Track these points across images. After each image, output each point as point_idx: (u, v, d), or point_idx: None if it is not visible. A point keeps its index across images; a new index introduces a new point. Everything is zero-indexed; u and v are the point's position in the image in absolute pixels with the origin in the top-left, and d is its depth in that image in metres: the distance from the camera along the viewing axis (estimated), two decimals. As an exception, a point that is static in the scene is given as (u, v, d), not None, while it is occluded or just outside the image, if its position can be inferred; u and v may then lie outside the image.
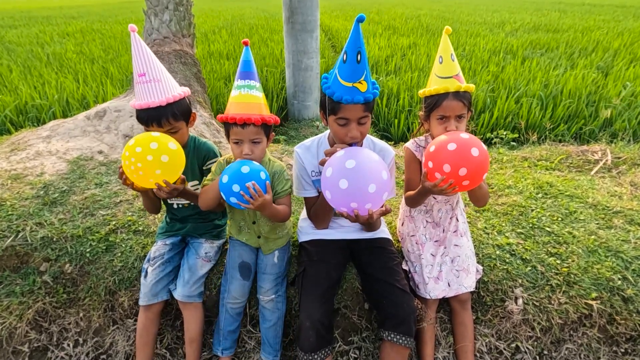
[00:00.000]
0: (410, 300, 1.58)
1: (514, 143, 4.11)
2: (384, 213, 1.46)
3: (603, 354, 1.77)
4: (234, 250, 1.79)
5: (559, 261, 1.88)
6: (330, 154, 1.47)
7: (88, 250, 1.96)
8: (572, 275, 1.82)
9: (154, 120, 1.55)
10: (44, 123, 3.95)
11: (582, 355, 1.77)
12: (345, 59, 1.36)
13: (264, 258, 1.78)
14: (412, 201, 1.73)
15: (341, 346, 1.80)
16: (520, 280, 1.82)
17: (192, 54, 4.72)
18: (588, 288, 1.77)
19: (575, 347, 1.78)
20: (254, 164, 1.50)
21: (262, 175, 1.48)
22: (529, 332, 1.79)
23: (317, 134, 1.77)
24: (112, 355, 1.88)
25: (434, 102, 1.57)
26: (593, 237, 2.00)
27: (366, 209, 1.40)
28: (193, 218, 1.84)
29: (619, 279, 1.79)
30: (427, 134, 1.73)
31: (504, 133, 4.22)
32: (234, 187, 1.44)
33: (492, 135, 4.26)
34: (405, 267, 1.81)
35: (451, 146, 1.41)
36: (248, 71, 1.53)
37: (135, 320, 1.80)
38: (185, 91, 1.65)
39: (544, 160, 2.92)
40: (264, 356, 1.74)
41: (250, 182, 1.44)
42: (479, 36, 9.29)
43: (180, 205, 1.81)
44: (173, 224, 1.85)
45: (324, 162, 1.47)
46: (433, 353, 1.75)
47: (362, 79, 1.39)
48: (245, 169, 1.45)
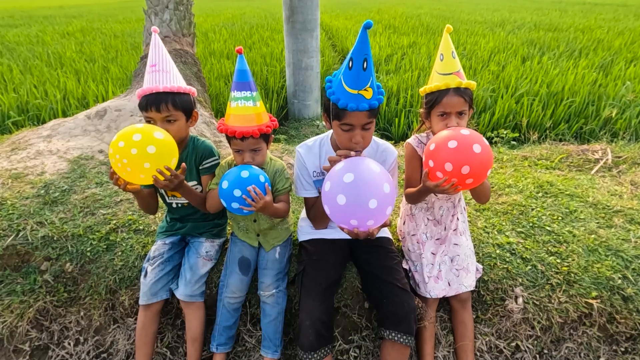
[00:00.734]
0: (411, 299, 1.58)
1: (515, 142, 4.11)
2: (384, 226, 1.44)
3: (603, 353, 1.77)
4: (235, 246, 1.81)
5: (559, 260, 1.88)
6: (334, 161, 1.44)
7: (89, 249, 1.97)
8: (572, 274, 1.82)
9: (153, 104, 1.54)
10: (45, 122, 3.94)
11: (582, 354, 1.78)
12: (351, 65, 1.32)
13: (265, 254, 1.79)
14: (412, 199, 1.72)
15: (341, 345, 1.80)
16: (520, 279, 1.82)
17: (193, 53, 4.72)
18: (588, 287, 1.78)
19: (575, 346, 1.78)
20: (253, 168, 1.52)
21: (262, 178, 1.50)
22: (529, 331, 1.79)
23: (318, 133, 1.76)
24: (113, 354, 1.89)
25: (435, 99, 1.56)
26: (593, 236, 2.00)
27: (367, 226, 1.35)
28: (193, 217, 1.84)
29: (619, 278, 1.79)
30: (429, 130, 1.73)
31: (505, 132, 4.22)
32: (235, 192, 1.46)
33: (493, 134, 4.25)
34: (405, 266, 1.81)
35: (452, 144, 1.38)
36: (244, 82, 1.53)
37: (136, 319, 1.80)
38: (190, 89, 1.66)
39: (545, 160, 2.91)
40: (263, 352, 1.74)
41: (250, 186, 1.45)
42: (480, 35, 9.27)
43: (179, 205, 1.81)
44: (173, 223, 1.86)
45: (328, 169, 1.45)
46: (433, 352, 1.76)
47: (368, 85, 1.36)
48: (244, 174, 1.47)
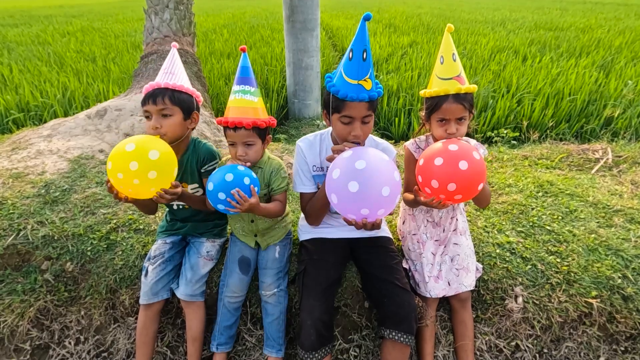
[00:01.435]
0: (411, 299, 1.59)
1: (515, 142, 4.10)
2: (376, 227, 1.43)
3: (603, 352, 1.77)
4: (235, 246, 1.81)
5: (559, 260, 1.88)
6: (338, 151, 1.44)
7: (89, 248, 1.97)
8: (572, 274, 1.82)
9: (151, 97, 1.55)
10: (45, 122, 3.95)
11: (582, 354, 1.78)
12: (351, 56, 1.36)
13: (264, 254, 1.80)
14: (409, 204, 1.74)
15: (341, 344, 1.80)
16: (520, 279, 1.82)
17: (193, 52, 4.72)
18: (588, 286, 1.78)
19: (575, 346, 1.78)
20: (240, 169, 1.51)
21: (246, 180, 1.49)
22: (529, 331, 1.79)
23: (318, 132, 1.76)
24: (113, 353, 1.89)
25: (434, 105, 1.55)
26: (593, 236, 2.00)
27: (378, 215, 1.33)
28: (194, 218, 1.84)
29: (619, 278, 1.79)
30: (429, 133, 1.73)
31: (505, 132, 4.22)
32: (220, 195, 1.47)
33: (493, 134, 4.25)
34: (405, 266, 1.81)
35: (438, 161, 1.38)
36: (245, 77, 1.59)
37: (136, 318, 1.80)
38: (194, 91, 1.67)
39: (545, 159, 2.91)
40: (267, 351, 1.73)
41: (234, 189, 1.45)
42: (480, 34, 9.26)
43: (180, 207, 1.81)
44: (173, 222, 1.86)
45: (331, 159, 1.44)
46: (433, 351, 1.76)
47: (368, 76, 1.39)
48: (228, 177, 1.47)
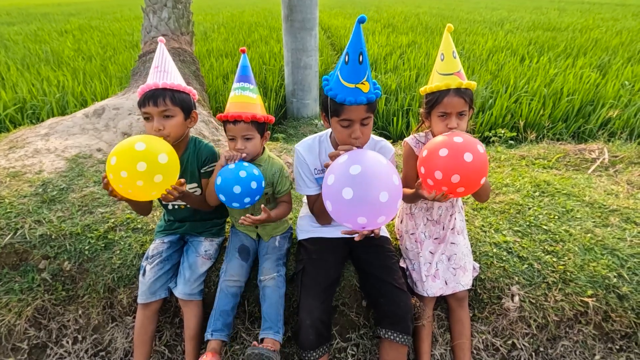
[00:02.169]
0: (408, 299, 1.60)
1: (512, 141, 4.12)
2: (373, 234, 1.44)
3: (598, 351, 1.78)
4: (236, 236, 1.85)
5: (555, 259, 1.89)
6: (335, 157, 1.42)
7: (87, 247, 1.97)
8: (568, 273, 1.83)
9: (150, 99, 1.54)
10: (43, 121, 3.94)
11: (578, 352, 1.79)
12: (347, 60, 1.35)
13: (265, 243, 1.84)
14: (407, 199, 1.74)
15: (339, 343, 1.81)
16: (516, 278, 1.83)
17: (191, 51, 4.71)
18: (584, 286, 1.79)
19: (571, 344, 1.80)
20: (243, 176, 1.54)
21: (253, 184, 1.55)
22: (525, 329, 1.80)
23: (316, 132, 1.76)
24: (111, 352, 1.89)
25: (435, 99, 1.56)
26: (589, 235, 2.01)
27: (378, 223, 1.28)
28: (191, 218, 1.84)
29: (615, 277, 1.80)
30: (428, 130, 1.73)
31: (502, 131, 4.23)
32: (235, 200, 1.54)
33: (491, 133, 4.26)
34: (403, 265, 1.82)
35: (443, 152, 1.37)
36: (245, 75, 1.66)
37: (134, 317, 1.80)
38: (190, 89, 1.68)
39: (542, 159, 2.93)
40: (264, 334, 1.61)
41: (243, 218, 1.59)
42: (478, 34, 9.28)
43: (176, 207, 1.81)
44: (171, 222, 1.86)
45: (328, 166, 1.43)
46: (430, 350, 1.77)
47: (365, 79, 1.37)
48: (238, 190, 1.53)
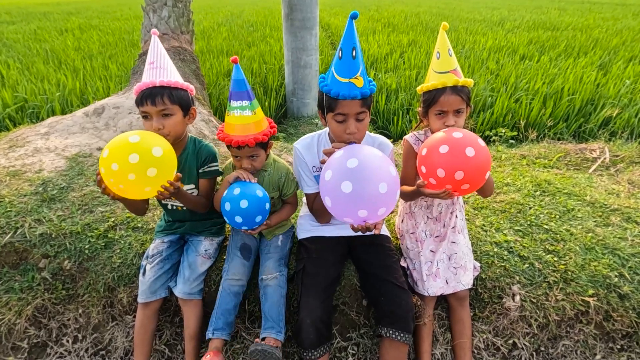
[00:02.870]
0: (409, 298, 1.59)
1: (513, 141, 4.11)
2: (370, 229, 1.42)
3: (599, 350, 1.78)
4: (237, 234, 1.84)
5: (556, 258, 1.89)
6: (329, 153, 1.42)
7: (87, 246, 1.97)
8: (569, 273, 1.83)
9: (148, 98, 1.51)
10: (43, 119, 3.93)
11: (579, 352, 1.79)
12: (340, 55, 1.38)
13: (267, 242, 1.83)
14: (406, 197, 1.73)
15: (339, 342, 1.81)
16: (517, 277, 1.83)
17: (191, 50, 4.71)
18: (585, 285, 1.79)
19: (572, 344, 1.79)
20: (250, 194, 1.56)
21: (258, 219, 1.58)
22: (526, 329, 1.80)
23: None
24: (111, 351, 1.89)
25: (432, 98, 1.56)
26: (590, 235, 2.01)
27: (379, 215, 1.29)
28: (191, 218, 1.83)
29: (616, 276, 1.80)
30: (427, 128, 1.73)
31: (503, 131, 4.22)
32: (237, 219, 1.56)
33: (491, 133, 4.26)
34: (403, 264, 1.82)
35: (443, 148, 1.36)
36: (241, 91, 1.55)
37: (134, 316, 1.80)
38: (188, 85, 1.65)
39: (543, 158, 2.92)
40: (266, 333, 1.59)
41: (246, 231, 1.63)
42: (479, 34, 9.27)
43: (174, 207, 1.79)
44: (171, 223, 1.85)
45: (324, 162, 1.44)
46: (431, 349, 1.76)
47: (358, 74, 1.40)
48: (239, 220, 1.56)
